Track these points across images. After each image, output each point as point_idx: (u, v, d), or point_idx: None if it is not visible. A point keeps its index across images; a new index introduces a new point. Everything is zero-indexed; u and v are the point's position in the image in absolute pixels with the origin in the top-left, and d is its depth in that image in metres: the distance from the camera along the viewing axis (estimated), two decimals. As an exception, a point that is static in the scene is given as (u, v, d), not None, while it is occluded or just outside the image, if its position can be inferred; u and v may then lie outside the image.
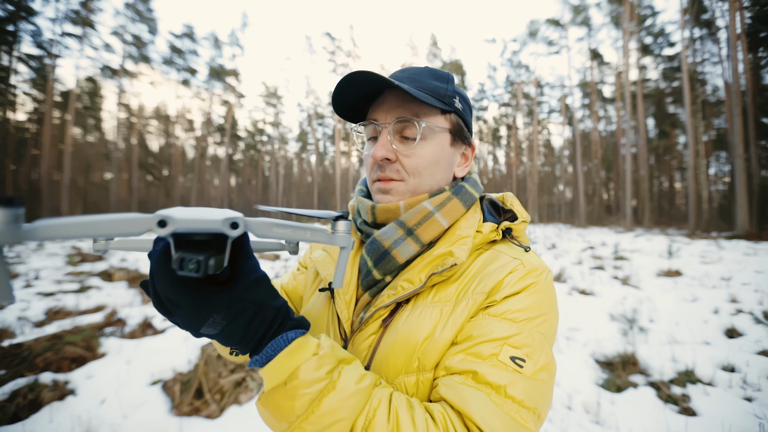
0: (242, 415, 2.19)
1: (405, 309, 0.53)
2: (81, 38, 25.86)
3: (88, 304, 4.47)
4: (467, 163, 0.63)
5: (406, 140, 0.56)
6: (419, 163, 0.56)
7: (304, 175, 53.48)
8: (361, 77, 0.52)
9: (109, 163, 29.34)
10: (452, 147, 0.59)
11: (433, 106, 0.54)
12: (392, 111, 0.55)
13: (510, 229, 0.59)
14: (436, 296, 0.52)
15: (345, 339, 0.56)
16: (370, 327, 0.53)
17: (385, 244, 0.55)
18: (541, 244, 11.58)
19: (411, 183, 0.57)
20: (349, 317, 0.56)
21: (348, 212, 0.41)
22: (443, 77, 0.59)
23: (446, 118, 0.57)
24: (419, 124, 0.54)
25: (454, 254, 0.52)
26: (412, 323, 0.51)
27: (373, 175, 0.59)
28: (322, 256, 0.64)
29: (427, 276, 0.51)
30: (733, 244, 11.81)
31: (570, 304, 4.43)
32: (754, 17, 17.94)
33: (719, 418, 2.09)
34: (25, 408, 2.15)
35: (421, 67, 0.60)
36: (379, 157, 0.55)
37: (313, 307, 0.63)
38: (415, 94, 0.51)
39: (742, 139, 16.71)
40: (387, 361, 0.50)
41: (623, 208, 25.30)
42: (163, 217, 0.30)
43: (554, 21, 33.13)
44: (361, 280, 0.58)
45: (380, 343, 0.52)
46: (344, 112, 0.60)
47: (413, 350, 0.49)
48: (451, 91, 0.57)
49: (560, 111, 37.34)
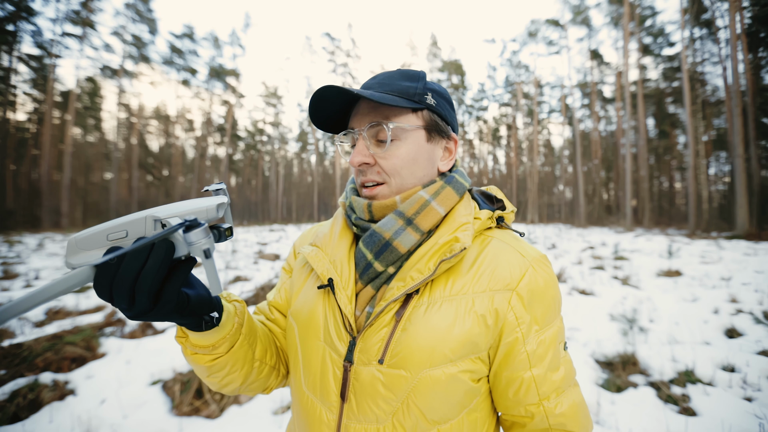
0: (242, 415, 2.19)
1: (420, 301, 0.53)
2: (81, 38, 25.86)
3: (88, 304, 4.47)
4: (451, 156, 0.64)
5: (381, 143, 0.57)
6: (396, 163, 0.57)
7: (304, 175, 53.50)
8: (329, 91, 0.54)
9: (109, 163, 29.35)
10: (429, 143, 0.59)
11: (401, 106, 0.55)
12: (365, 117, 0.57)
13: (502, 218, 0.63)
14: (453, 288, 0.54)
15: (351, 334, 0.55)
16: (382, 320, 0.53)
17: (385, 235, 0.55)
18: (541, 244, 11.58)
19: (393, 184, 0.58)
20: (353, 312, 0.56)
21: (195, 219, 0.39)
22: (413, 76, 0.60)
23: (418, 116, 0.58)
24: (388, 126, 0.56)
25: (459, 240, 0.53)
26: (436, 319, 0.52)
27: (358, 180, 0.61)
28: (314, 252, 0.63)
29: (436, 264, 0.52)
30: (733, 244, 11.81)
31: (570, 304, 4.43)
32: (754, 17, 17.94)
33: (719, 418, 2.09)
34: (25, 408, 2.15)
35: (393, 70, 0.61)
36: (356, 162, 0.57)
37: (306, 304, 0.62)
38: (378, 98, 0.52)
39: (742, 139, 16.71)
40: (410, 355, 0.51)
41: (623, 208, 25.31)
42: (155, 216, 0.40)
43: (554, 21, 33.13)
44: (360, 274, 0.58)
45: (393, 335, 0.52)
46: (326, 126, 0.63)
47: (438, 345, 0.51)
48: (422, 89, 0.58)
49: (560, 111, 37.35)
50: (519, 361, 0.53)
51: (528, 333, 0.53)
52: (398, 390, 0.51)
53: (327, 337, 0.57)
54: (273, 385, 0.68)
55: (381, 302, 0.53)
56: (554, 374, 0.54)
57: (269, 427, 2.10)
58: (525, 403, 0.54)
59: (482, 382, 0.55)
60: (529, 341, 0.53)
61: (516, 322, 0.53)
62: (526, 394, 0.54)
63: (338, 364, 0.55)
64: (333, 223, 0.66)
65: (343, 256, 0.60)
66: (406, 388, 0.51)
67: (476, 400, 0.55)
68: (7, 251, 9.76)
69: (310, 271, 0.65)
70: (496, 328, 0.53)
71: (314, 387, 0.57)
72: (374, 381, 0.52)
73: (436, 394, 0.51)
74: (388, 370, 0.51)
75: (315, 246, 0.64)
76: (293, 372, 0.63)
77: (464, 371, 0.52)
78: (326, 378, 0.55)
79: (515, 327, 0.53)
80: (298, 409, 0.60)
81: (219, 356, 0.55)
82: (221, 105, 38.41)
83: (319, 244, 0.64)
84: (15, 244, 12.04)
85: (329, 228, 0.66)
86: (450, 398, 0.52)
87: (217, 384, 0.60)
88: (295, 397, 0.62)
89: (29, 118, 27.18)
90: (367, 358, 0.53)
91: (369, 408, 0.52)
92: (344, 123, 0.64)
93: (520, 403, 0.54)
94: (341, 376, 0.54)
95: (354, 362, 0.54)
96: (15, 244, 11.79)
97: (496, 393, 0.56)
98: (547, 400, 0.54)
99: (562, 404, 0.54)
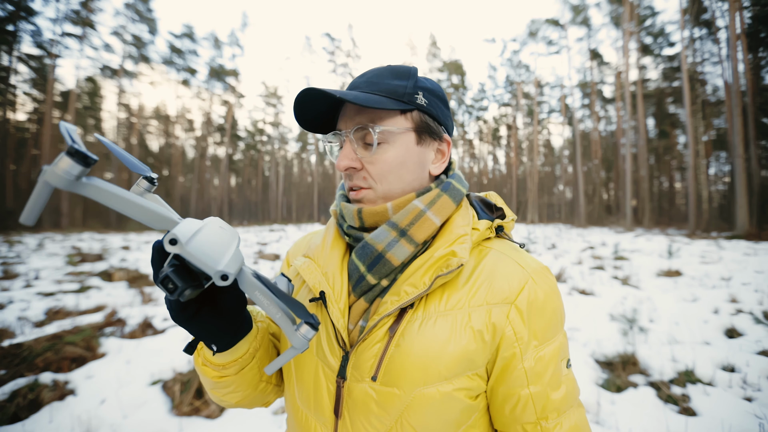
0: (242, 415, 2.19)
1: (414, 316, 0.51)
2: (81, 38, 25.87)
3: (88, 304, 4.47)
4: (444, 158, 0.60)
5: (369, 147, 0.54)
6: (383, 168, 0.54)
7: (304, 175, 53.49)
8: (312, 94, 0.52)
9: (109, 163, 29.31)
10: (420, 146, 0.56)
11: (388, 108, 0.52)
12: (352, 119, 0.55)
13: (501, 227, 0.60)
14: (448, 302, 0.51)
15: (344, 348, 0.53)
16: (375, 335, 0.51)
17: (378, 247, 0.53)
18: (541, 244, 11.58)
19: (379, 189, 0.55)
20: (345, 326, 0.53)
21: (314, 317, 0.40)
22: (404, 74, 0.56)
23: (407, 118, 0.55)
24: (374, 129, 0.53)
25: (457, 254, 0.51)
26: (430, 335, 0.50)
27: (346, 184, 0.59)
28: (307, 264, 0.60)
29: (431, 279, 0.50)
30: (733, 244, 11.80)
31: (570, 304, 4.43)
32: (754, 17, 17.94)
33: (719, 418, 2.09)
34: (25, 408, 2.15)
35: (383, 67, 0.57)
36: (342, 167, 0.54)
37: None
38: (362, 100, 0.49)
39: (742, 139, 16.71)
40: (404, 373, 0.49)
41: (623, 208, 25.30)
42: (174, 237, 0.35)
43: (554, 21, 33.13)
44: (353, 286, 0.55)
45: (387, 351, 0.50)
46: (314, 126, 0.60)
47: (432, 362, 0.49)
48: (412, 87, 0.54)
49: (560, 111, 37.35)
50: (516, 378, 0.51)
51: (526, 349, 0.51)
52: (391, 408, 0.49)
53: (320, 352, 0.55)
54: (272, 399, 0.68)
55: (374, 317, 0.51)
56: (554, 393, 0.52)
57: (269, 427, 2.10)
58: (522, 421, 0.52)
59: (480, 398, 0.53)
60: (527, 357, 0.51)
61: (514, 336, 0.50)
62: (523, 412, 0.51)
63: (331, 380, 0.53)
64: (325, 232, 0.64)
65: (335, 267, 0.57)
66: (399, 406, 0.49)
67: (474, 416, 0.53)
68: (7, 251, 9.76)
69: (303, 281, 0.63)
70: (493, 344, 0.51)
71: (308, 402, 0.55)
72: (367, 398, 0.50)
73: (431, 413, 0.49)
74: (381, 388, 0.50)
75: (307, 257, 0.62)
76: (287, 385, 0.61)
77: (459, 389, 0.50)
78: (320, 393, 0.54)
79: (513, 342, 0.51)
80: (293, 423, 0.59)
81: (226, 376, 0.54)
82: (221, 105, 38.41)
83: (312, 255, 0.62)
84: (15, 244, 12.04)
85: (321, 238, 0.63)
86: (445, 417, 0.50)
87: (218, 398, 0.60)
88: (290, 410, 0.60)
89: (29, 118, 27.17)
90: (360, 375, 0.51)
91: (363, 426, 0.51)
92: (333, 122, 0.61)
93: (517, 421, 0.52)
94: (335, 391, 0.52)
95: (347, 378, 0.52)
96: (15, 244, 11.79)
97: (493, 408, 0.55)
98: (545, 420, 0.51)
99: (562, 425, 0.51)
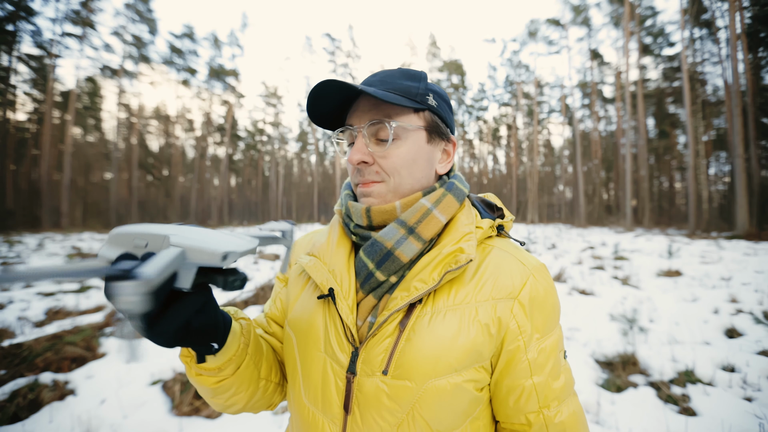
0: (242, 415, 2.19)
1: (424, 311, 0.53)
2: (81, 38, 25.86)
3: (88, 304, 4.47)
4: (449, 159, 0.63)
5: (381, 142, 0.56)
6: (396, 163, 0.56)
7: (304, 175, 53.50)
8: (330, 86, 0.53)
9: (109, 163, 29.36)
10: (429, 144, 0.59)
11: (404, 106, 0.54)
12: (365, 115, 0.56)
13: (502, 226, 0.63)
14: (456, 297, 0.53)
15: (353, 344, 0.54)
16: (385, 330, 0.52)
17: (387, 244, 0.55)
18: (541, 244, 11.58)
19: (391, 183, 0.57)
20: (354, 322, 0.55)
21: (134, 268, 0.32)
22: (415, 76, 0.59)
23: (420, 116, 0.57)
24: (390, 124, 0.55)
25: (464, 251, 0.53)
26: (440, 328, 0.51)
27: (355, 180, 0.59)
28: (312, 262, 0.61)
29: (440, 275, 0.52)
30: (733, 244, 11.80)
31: (570, 304, 4.43)
32: (754, 17, 17.94)
33: (719, 418, 2.09)
34: (25, 408, 2.15)
35: (394, 68, 0.60)
36: (355, 160, 0.56)
37: (305, 313, 0.60)
38: (381, 95, 0.51)
39: (742, 139, 16.71)
40: (416, 366, 0.50)
41: (623, 208, 25.31)
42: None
43: (554, 21, 33.14)
44: (361, 284, 0.57)
45: (398, 345, 0.51)
46: (322, 121, 0.61)
47: (443, 354, 0.50)
48: (424, 89, 0.57)
49: (560, 111, 37.35)
50: (520, 369, 0.53)
51: (529, 341, 0.53)
52: (403, 401, 0.50)
53: (328, 348, 0.56)
54: (277, 401, 0.67)
55: (384, 312, 0.53)
56: (555, 382, 0.55)
57: (269, 427, 2.09)
58: (525, 411, 0.54)
59: (485, 390, 0.55)
60: (531, 349, 0.53)
61: (518, 330, 0.53)
62: (527, 402, 0.54)
63: (341, 376, 0.54)
64: (330, 231, 0.65)
65: (342, 265, 0.58)
66: (411, 399, 0.50)
67: (479, 408, 0.55)
68: (7, 251, 9.76)
69: (306, 279, 0.64)
70: (498, 337, 0.53)
71: (315, 399, 0.56)
72: (378, 392, 0.51)
73: (442, 405, 0.50)
74: (393, 381, 0.51)
75: (313, 255, 0.63)
76: (291, 383, 0.61)
77: (468, 380, 0.52)
78: (328, 390, 0.54)
79: (517, 335, 0.53)
80: (299, 422, 0.59)
81: (224, 378, 0.54)
82: (221, 105, 38.40)
83: (317, 254, 0.62)
84: (15, 244, 12.05)
85: (326, 237, 0.64)
86: (455, 408, 0.51)
87: (222, 405, 0.59)
88: (295, 409, 0.60)
89: (29, 118, 27.15)
90: (371, 369, 0.52)
91: (374, 420, 0.51)
92: (340, 119, 0.62)
93: (521, 411, 0.54)
94: (344, 387, 0.53)
95: (357, 373, 0.53)
96: (15, 244, 11.80)
97: (496, 401, 0.56)
98: (547, 408, 0.54)
99: (562, 413, 0.54)
